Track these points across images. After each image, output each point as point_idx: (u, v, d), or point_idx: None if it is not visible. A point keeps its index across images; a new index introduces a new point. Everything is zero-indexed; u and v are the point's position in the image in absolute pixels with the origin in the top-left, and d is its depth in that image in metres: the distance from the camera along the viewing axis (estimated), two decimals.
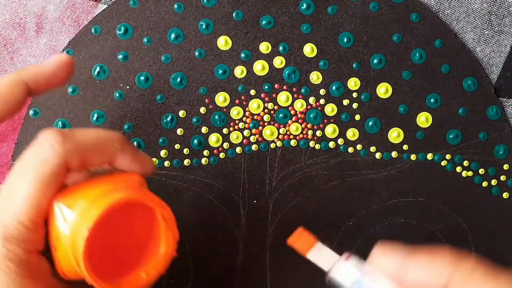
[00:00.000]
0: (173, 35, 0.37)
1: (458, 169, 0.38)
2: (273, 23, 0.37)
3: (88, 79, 0.36)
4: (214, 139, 0.37)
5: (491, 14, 0.38)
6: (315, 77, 0.37)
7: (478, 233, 0.38)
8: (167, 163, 0.37)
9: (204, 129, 0.37)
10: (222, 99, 0.37)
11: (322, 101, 0.37)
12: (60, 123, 0.36)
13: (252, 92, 0.37)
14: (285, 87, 0.37)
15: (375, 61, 0.37)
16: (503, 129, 0.38)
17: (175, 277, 0.37)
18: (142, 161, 0.28)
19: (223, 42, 0.37)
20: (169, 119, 0.37)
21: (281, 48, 0.37)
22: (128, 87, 0.37)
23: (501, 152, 0.38)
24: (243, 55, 0.37)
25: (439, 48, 0.38)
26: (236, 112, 0.37)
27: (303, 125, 0.37)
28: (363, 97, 0.37)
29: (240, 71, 0.37)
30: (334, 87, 0.37)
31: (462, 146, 0.38)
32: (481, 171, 0.38)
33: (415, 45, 0.37)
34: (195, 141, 0.37)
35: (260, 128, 0.37)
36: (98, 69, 0.36)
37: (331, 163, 0.37)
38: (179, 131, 0.37)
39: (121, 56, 0.36)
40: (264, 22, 0.37)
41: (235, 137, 0.37)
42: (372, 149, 0.38)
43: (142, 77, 0.37)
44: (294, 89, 0.37)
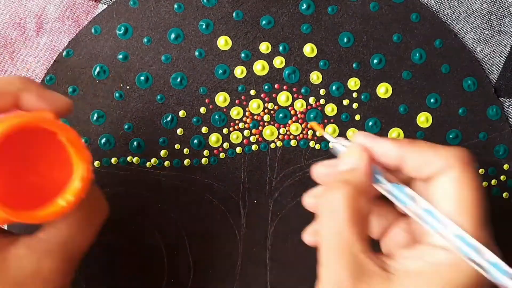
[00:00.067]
0: (173, 35, 0.37)
1: None
2: (273, 23, 0.37)
3: (88, 79, 0.36)
4: (214, 139, 0.37)
5: (491, 14, 0.38)
6: (315, 77, 0.37)
7: None
8: (167, 163, 0.37)
9: (204, 129, 0.37)
10: (222, 99, 0.37)
11: (322, 101, 0.37)
12: None
13: (252, 92, 0.37)
14: (285, 87, 0.37)
15: (375, 61, 0.37)
16: (503, 129, 0.38)
17: (175, 277, 0.37)
18: (51, 98, 0.27)
19: (223, 42, 0.37)
20: (169, 119, 0.37)
21: (281, 48, 0.37)
22: (128, 87, 0.37)
23: (501, 152, 0.38)
24: (243, 55, 0.37)
25: (439, 48, 0.38)
26: (236, 112, 0.37)
27: (303, 125, 0.37)
28: (363, 97, 0.37)
29: (240, 71, 0.37)
30: (334, 87, 0.37)
31: (462, 146, 0.38)
32: (481, 171, 0.38)
33: (415, 45, 0.37)
34: (195, 141, 0.37)
35: (260, 128, 0.37)
36: (98, 69, 0.36)
37: None
38: (179, 131, 0.37)
39: (121, 56, 0.36)
40: (264, 22, 0.37)
41: (235, 137, 0.37)
42: None
43: (142, 77, 0.37)
44: (294, 89, 0.37)
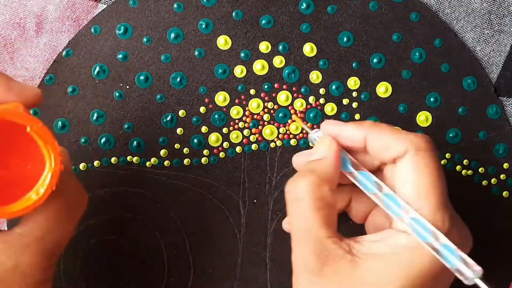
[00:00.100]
0: (172, 35, 0.37)
1: (458, 168, 0.38)
2: (272, 23, 0.37)
3: (88, 78, 0.36)
4: (214, 138, 0.37)
5: (491, 13, 0.38)
6: (315, 76, 0.37)
7: (478, 232, 0.38)
8: (167, 162, 0.37)
9: (204, 129, 0.37)
10: (222, 98, 0.37)
11: (322, 100, 0.37)
12: (60, 123, 0.36)
13: (252, 91, 0.37)
14: (284, 86, 0.37)
15: (375, 60, 0.37)
16: (503, 128, 0.38)
17: (175, 277, 0.37)
18: (18, 89, 0.27)
19: (223, 42, 0.37)
20: (169, 118, 0.37)
21: (280, 47, 0.37)
22: (128, 86, 0.37)
23: (501, 151, 0.38)
24: (242, 54, 0.37)
25: (439, 47, 0.38)
26: (236, 112, 0.37)
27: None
28: (363, 96, 0.37)
29: (240, 71, 0.37)
30: (334, 87, 0.37)
31: (462, 145, 0.38)
32: (481, 170, 0.38)
33: (415, 45, 0.37)
34: (195, 140, 0.37)
35: (260, 127, 0.37)
36: (98, 69, 0.36)
37: None
38: (179, 130, 0.37)
39: (120, 55, 0.37)
40: (263, 22, 0.37)
41: (235, 136, 0.37)
42: None
43: (142, 77, 0.37)
44: (294, 88, 0.37)
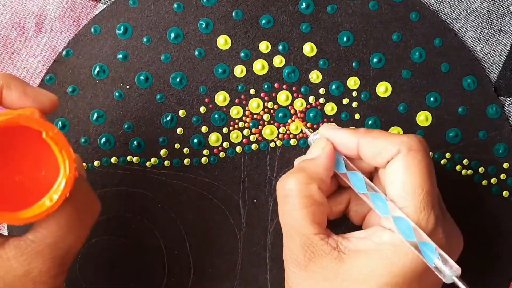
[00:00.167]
0: (172, 35, 0.37)
1: (458, 167, 0.38)
2: (272, 23, 0.37)
3: (88, 78, 0.36)
4: (214, 138, 0.37)
5: (491, 13, 0.38)
6: (315, 76, 0.37)
7: (478, 231, 0.38)
8: (167, 162, 0.37)
9: (204, 129, 0.37)
10: (222, 98, 0.37)
11: (321, 100, 0.37)
12: (60, 123, 0.36)
13: (252, 91, 0.37)
14: (284, 86, 0.37)
15: (375, 60, 0.37)
16: (503, 128, 0.38)
17: (175, 277, 0.37)
18: (35, 95, 0.27)
19: (223, 42, 0.37)
20: (169, 118, 0.37)
21: (280, 47, 0.37)
22: (128, 86, 0.37)
23: (501, 151, 0.38)
24: (242, 54, 0.37)
25: (438, 47, 0.38)
26: (236, 112, 0.37)
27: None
28: (362, 96, 0.37)
29: (239, 71, 0.37)
30: (333, 86, 0.37)
31: (462, 145, 0.38)
32: (481, 169, 0.38)
33: (415, 44, 0.37)
34: (195, 140, 0.37)
35: (260, 127, 0.37)
36: (98, 68, 0.36)
37: None
38: (179, 130, 0.37)
39: (120, 55, 0.37)
40: (263, 22, 0.37)
41: (235, 136, 0.37)
42: None
43: (142, 77, 0.37)
44: (293, 88, 0.37)
